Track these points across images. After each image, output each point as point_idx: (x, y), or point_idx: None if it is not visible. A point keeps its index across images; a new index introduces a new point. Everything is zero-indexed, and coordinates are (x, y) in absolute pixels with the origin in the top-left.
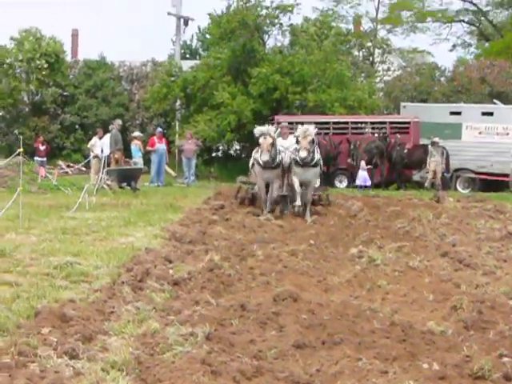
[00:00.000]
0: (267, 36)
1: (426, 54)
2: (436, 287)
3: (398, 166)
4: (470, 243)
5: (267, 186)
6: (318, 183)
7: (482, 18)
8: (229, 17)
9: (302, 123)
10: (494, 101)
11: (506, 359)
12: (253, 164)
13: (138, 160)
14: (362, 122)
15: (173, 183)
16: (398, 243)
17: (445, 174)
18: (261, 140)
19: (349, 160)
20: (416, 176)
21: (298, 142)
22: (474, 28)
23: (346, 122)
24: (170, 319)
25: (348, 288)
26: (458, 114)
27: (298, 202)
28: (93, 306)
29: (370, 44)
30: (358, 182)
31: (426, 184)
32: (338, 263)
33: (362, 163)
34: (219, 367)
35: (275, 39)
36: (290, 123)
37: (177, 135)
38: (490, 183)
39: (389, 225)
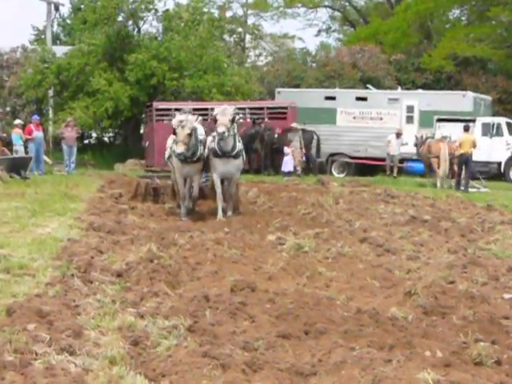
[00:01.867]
0: (142, 22)
1: (297, 39)
2: (373, 273)
3: (267, 151)
4: (379, 228)
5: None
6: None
7: (347, 4)
8: (104, 2)
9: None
10: (368, 86)
11: (482, 344)
12: (169, 156)
13: (18, 148)
14: (239, 108)
15: (52, 171)
16: (313, 230)
17: (315, 159)
18: (178, 130)
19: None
20: None
21: (215, 121)
22: (337, 13)
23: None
24: (140, 312)
25: (287, 276)
26: (333, 99)
27: (220, 214)
28: (57, 300)
29: (240, 30)
30: (284, 169)
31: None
32: (262, 251)
33: (285, 148)
34: (226, 360)
35: (150, 25)
36: (167, 109)
37: (50, 122)
38: (363, 168)
39: (291, 211)
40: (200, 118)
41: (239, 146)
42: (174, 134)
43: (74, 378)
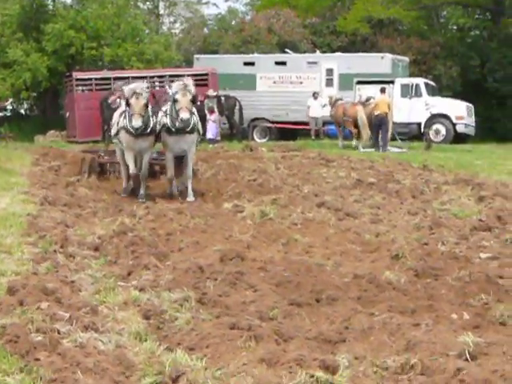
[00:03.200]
0: None
1: (211, 5)
2: (346, 237)
3: None
4: (329, 192)
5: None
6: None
7: None
8: None
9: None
10: (286, 50)
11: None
12: (117, 132)
13: None
14: (160, 76)
15: None
16: (267, 196)
17: (238, 125)
18: (132, 100)
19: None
20: None
21: (174, 101)
22: None
23: (145, 77)
24: (138, 286)
25: (263, 244)
26: (252, 64)
27: (175, 189)
28: (52, 277)
29: None
30: (208, 136)
31: None
32: (225, 219)
33: (213, 115)
34: (258, 331)
35: None
36: (88, 79)
37: None
38: (285, 132)
39: (235, 177)
40: (149, 87)
41: (195, 119)
42: (127, 104)
43: (117, 356)
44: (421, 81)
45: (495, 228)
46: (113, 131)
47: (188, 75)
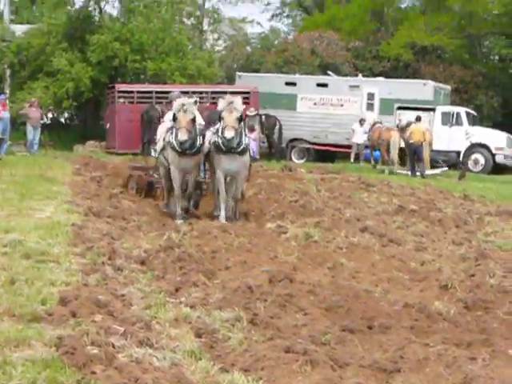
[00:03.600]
0: (104, 2)
1: (256, 23)
2: (392, 264)
3: None
4: (371, 217)
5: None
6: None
7: None
8: None
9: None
10: (328, 72)
11: None
12: (162, 148)
13: None
14: (203, 92)
15: (15, 152)
16: (309, 218)
17: (277, 144)
18: (179, 115)
19: None
20: None
21: (220, 119)
22: None
23: (187, 92)
24: (187, 303)
25: (308, 266)
26: (294, 84)
27: (223, 214)
28: (102, 289)
29: (198, 13)
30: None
31: None
32: (268, 239)
33: (254, 134)
34: (313, 356)
35: (112, 6)
36: (130, 92)
37: (7, 101)
38: (323, 154)
39: (277, 198)
40: (197, 102)
41: (245, 140)
42: (174, 120)
43: (175, 374)
44: (462, 110)
45: None
46: (158, 148)
47: (230, 93)
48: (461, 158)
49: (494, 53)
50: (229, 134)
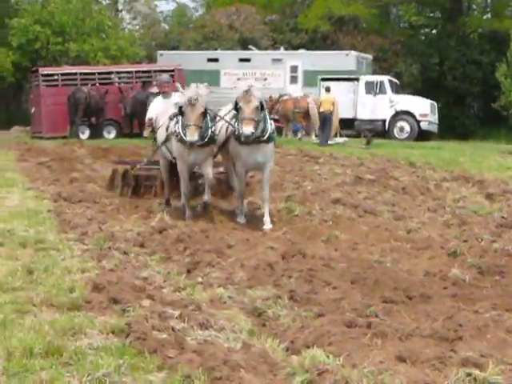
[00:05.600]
0: None
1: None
2: (383, 234)
3: None
4: (334, 189)
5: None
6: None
7: None
8: None
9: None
10: (250, 47)
11: None
12: (166, 139)
13: None
14: (128, 72)
15: None
16: (276, 193)
17: None
18: (187, 110)
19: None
20: None
21: (237, 108)
22: None
23: (111, 72)
24: (213, 282)
25: (305, 240)
26: (216, 60)
27: (243, 219)
28: (125, 274)
29: None
30: None
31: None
32: (249, 217)
33: None
34: (379, 328)
35: None
36: (54, 75)
37: None
38: None
39: None
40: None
41: (271, 127)
42: (181, 113)
43: (260, 353)
44: (385, 78)
45: None
46: (159, 137)
47: (155, 71)
48: (386, 127)
49: (403, 20)
50: (247, 129)
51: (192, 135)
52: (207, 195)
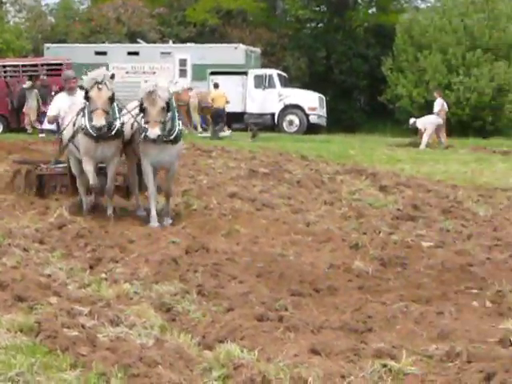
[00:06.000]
0: None
1: None
2: (282, 227)
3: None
4: (229, 182)
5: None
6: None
7: None
8: None
9: None
10: (138, 40)
11: None
12: (74, 134)
13: None
14: (15, 65)
15: None
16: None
17: None
18: (93, 92)
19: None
20: None
21: (142, 109)
22: None
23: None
24: (119, 278)
25: (205, 234)
26: (104, 54)
27: (154, 213)
28: (28, 270)
29: None
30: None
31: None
32: None
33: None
34: (291, 322)
35: None
36: None
37: None
38: None
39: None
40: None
41: (178, 125)
42: (86, 98)
43: (175, 349)
44: (274, 72)
45: (418, 217)
46: (65, 134)
47: (42, 64)
48: (275, 120)
49: (290, 14)
50: (152, 132)
51: (99, 119)
52: (109, 208)
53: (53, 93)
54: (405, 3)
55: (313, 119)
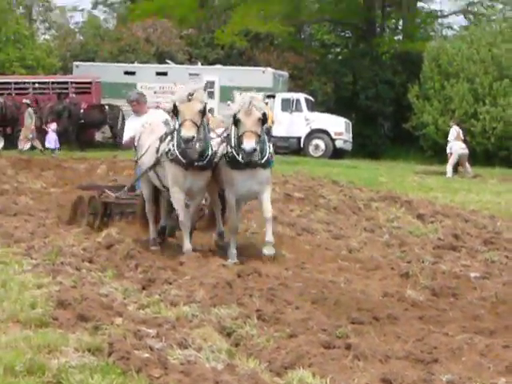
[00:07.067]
0: None
1: (87, 12)
2: (326, 254)
3: (74, 127)
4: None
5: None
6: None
7: None
8: None
9: None
10: (167, 61)
11: None
12: (157, 160)
13: None
14: (44, 82)
15: None
16: None
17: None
18: (182, 107)
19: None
20: (98, 136)
21: (235, 122)
22: None
23: (28, 82)
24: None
25: (251, 257)
26: (133, 73)
27: (233, 251)
28: (86, 291)
29: (28, 2)
30: (47, 145)
31: None
32: None
33: (53, 125)
34: (358, 350)
35: None
36: None
37: None
38: None
39: None
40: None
41: (269, 148)
42: (174, 112)
43: (250, 374)
44: (301, 96)
45: (460, 247)
46: (146, 160)
47: (71, 82)
48: (301, 144)
49: (315, 39)
50: (248, 145)
51: (188, 130)
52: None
53: (81, 110)
54: (432, 31)
55: (339, 144)
